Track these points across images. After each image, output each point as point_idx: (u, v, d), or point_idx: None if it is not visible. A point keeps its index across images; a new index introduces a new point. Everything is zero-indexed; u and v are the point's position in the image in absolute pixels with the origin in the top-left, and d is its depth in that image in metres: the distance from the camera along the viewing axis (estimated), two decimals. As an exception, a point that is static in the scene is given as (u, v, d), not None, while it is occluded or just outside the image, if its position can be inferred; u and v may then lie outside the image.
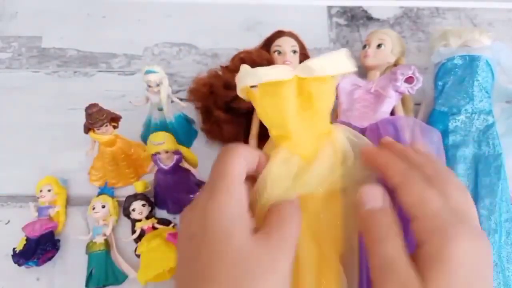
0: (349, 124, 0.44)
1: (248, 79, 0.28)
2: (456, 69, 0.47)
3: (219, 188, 0.22)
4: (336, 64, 0.29)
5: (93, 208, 0.44)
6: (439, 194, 0.24)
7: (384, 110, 0.44)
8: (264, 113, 0.29)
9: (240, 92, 0.30)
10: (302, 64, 0.28)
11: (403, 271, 0.21)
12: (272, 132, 0.29)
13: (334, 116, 0.47)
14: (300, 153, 0.28)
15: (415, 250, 0.22)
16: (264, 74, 0.27)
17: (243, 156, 0.25)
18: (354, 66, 0.30)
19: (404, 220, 0.25)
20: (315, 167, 0.28)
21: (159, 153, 0.43)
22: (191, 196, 0.45)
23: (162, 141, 0.42)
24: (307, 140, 0.29)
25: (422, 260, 0.21)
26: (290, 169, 0.28)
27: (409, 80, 0.44)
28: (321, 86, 0.28)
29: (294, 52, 0.49)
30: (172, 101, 0.46)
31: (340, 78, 0.47)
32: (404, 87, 0.44)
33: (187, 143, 0.49)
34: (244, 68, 0.28)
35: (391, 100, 0.45)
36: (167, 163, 0.43)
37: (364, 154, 0.29)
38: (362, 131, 0.43)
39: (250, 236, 0.21)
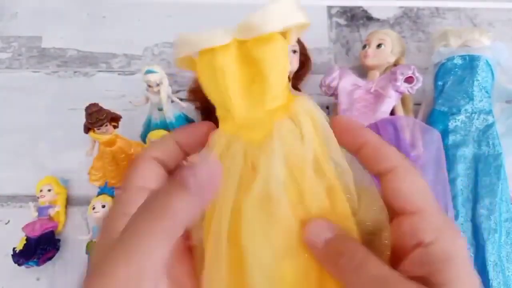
0: None
1: (183, 48, 0.22)
2: (456, 69, 0.47)
3: (114, 200, 0.23)
4: (282, 16, 0.22)
5: (93, 208, 0.44)
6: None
7: (383, 110, 0.45)
8: (206, 88, 0.23)
9: (180, 65, 0.24)
10: (240, 22, 0.22)
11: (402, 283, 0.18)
12: (217, 112, 0.24)
13: (334, 114, 0.48)
14: (249, 136, 0.22)
15: (408, 254, 0.19)
16: (198, 40, 0.22)
17: (149, 163, 0.23)
18: (306, 17, 0.23)
19: None
20: (269, 152, 0.21)
21: (158, 152, 0.43)
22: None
23: (161, 140, 0.42)
24: (257, 120, 0.22)
25: (431, 262, 0.18)
26: (234, 161, 0.22)
27: (409, 80, 0.44)
28: (268, 48, 0.22)
29: (294, 52, 0.49)
30: (172, 101, 0.47)
31: (339, 75, 0.47)
32: (404, 87, 0.44)
33: (187, 143, 0.49)
34: (181, 35, 0.22)
35: (391, 100, 0.45)
36: (167, 163, 0.43)
37: (341, 125, 0.22)
38: None
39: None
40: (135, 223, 0.18)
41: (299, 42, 0.51)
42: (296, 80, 0.51)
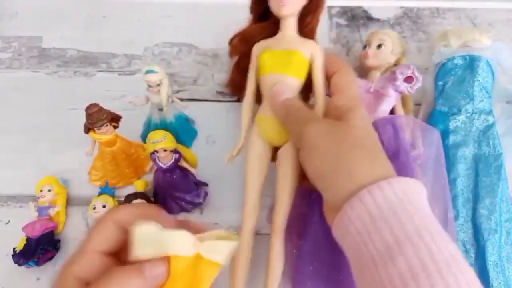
0: None
1: (147, 247, 0.25)
2: (457, 69, 0.47)
3: (68, 259, 0.26)
4: (226, 252, 0.27)
5: (94, 208, 0.44)
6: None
7: (383, 109, 0.44)
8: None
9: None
10: (209, 244, 0.26)
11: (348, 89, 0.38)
12: None
13: None
14: None
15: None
16: (166, 244, 0.25)
17: (110, 227, 0.26)
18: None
19: None
20: None
21: (157, 151, 0.43)
22: (190, 195, 0.45)
23: (160, 139, 0.42)
24: None
25: (342, 114, 0.35)
26: None
27: (408, 79, 0.44)
28: (212, 273, 0.26)
29: None
30: (172, 101, 0.47)
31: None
32: (403, 86, 0.44)
33: (187, 143, 0.49)
34: (141, 230, 0.25)
35: (391, 99, 0.45)
36: (166, 162, 0.43)
37: (329, 57, 0.41)
38: None
39: None
40: None
41: None
42: (305, 22, 0.43)
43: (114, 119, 0.44)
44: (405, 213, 0.27)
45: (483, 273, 0.40)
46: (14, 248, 0.43)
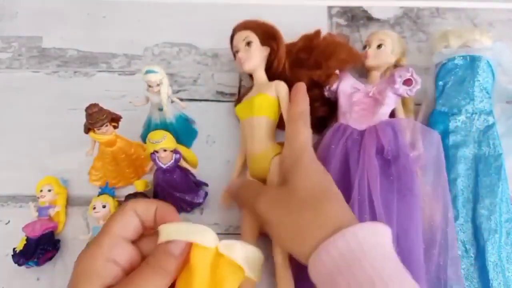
0: (347, 127, 0.44)
1: (170, 235, 0.27)
2: (457, 69, 0.47)
3: (96, 242, 0.27)
4: (256, 265, 0.28)
5: (94, 208, 0.44)
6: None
7: (383, 112, 0.45)
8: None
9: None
10: (228, 242, 0.28)
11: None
12: None
13: (334, 119, 0.48)
14: None
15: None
16: (188, 233, 0.27)
17: (131, 215, 0.28)
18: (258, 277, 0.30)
19: None
20: None
21: (157, 151, 0.43)
22: (190, 195, 0.45)
23: (160, 140, 0.42)
24: None
25: (287, 170, 0.37)
26: None
27: (407, 82, 0.44)
28: (235, 276, 0.27)
29: (248, 43, 0.47)
30: (172, 101, 0.46)
31: (339, 82, 0.47)
32: (402, 89, 0.44)
33: (187, 143, 0.49)
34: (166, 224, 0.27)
35: (390, 103, 0.45)
36: (166, 162, 0.43)
37: (297, 86, 0.43)
38: (361, 134, 0.44)
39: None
40: None
41: (255, 28, 0.48)
42: (273, 67, 0.48)
43: (114, 119, 0.44)
44: (356, 265, 0.28)
45: (483, 273, 0.40)
46: (14, 248, 0.43)
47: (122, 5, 0.60)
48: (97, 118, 0.42)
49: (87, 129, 0.43)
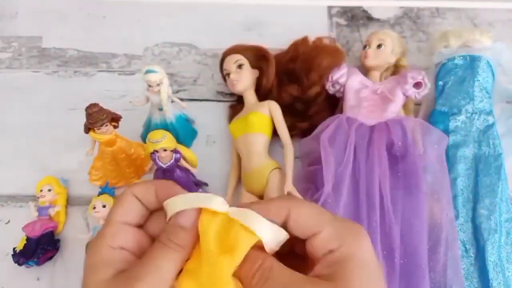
0: (355, 120, 0.45)
1: (177, 207, 0.26)
2: (457, 69, 0.47)
3: (99, 233, 0.26)
4: (276, 234, 0.25)
5: (94, 208, 0.44)
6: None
7: (392, 110, 0.45)
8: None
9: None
10: (242, 209, 0.26)
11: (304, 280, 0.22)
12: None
13: (339, 110, 0.48)
14: None
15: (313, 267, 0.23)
16: (196, 200, 0.26)
17: (131, 200, 0.27)
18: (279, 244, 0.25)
19: None
20: None
21: (157, 151, 0.43)
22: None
23: (160, 139, 0.42)
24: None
25: (336, 262, 0.22)
26: None
27: (417, 85, 0.45)
28: (248, 241, 0.25)
29: (240, 66, 0.49)
30: (172, 101, 0.46)
31: (347, 73, 0.48)
32: (412, 91, 0.45)
33: (187, 143, 0.49)
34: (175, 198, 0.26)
35: (398, 101, 0.45)
36: (166, 162, 0.43)
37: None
38: (370, 129, 0.44)
39: (112, 276, 0.25)
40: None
41: (246, 51, 0.50)
42: (263, 87, 0.50)
43: (114, 119, 0.44)
44: None
45: (483, 273, 0.40)
46: (14, 248, 0.43)
47: (122, 5, 0.60)
48: (97, 117, 0.42)
49: (87, 129, 0.43)
